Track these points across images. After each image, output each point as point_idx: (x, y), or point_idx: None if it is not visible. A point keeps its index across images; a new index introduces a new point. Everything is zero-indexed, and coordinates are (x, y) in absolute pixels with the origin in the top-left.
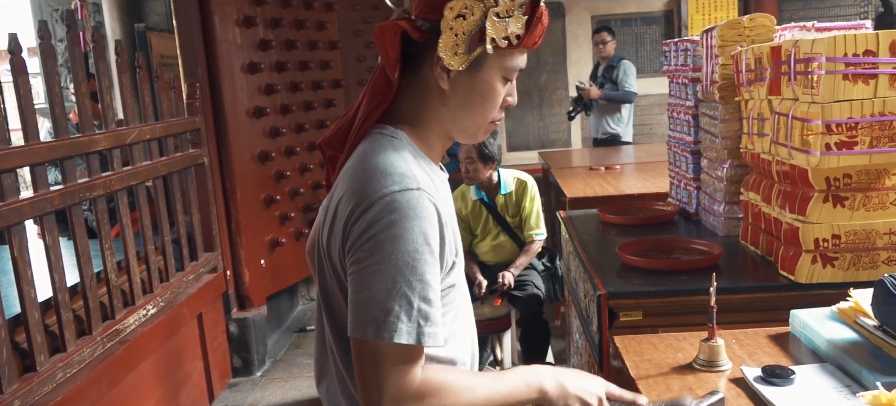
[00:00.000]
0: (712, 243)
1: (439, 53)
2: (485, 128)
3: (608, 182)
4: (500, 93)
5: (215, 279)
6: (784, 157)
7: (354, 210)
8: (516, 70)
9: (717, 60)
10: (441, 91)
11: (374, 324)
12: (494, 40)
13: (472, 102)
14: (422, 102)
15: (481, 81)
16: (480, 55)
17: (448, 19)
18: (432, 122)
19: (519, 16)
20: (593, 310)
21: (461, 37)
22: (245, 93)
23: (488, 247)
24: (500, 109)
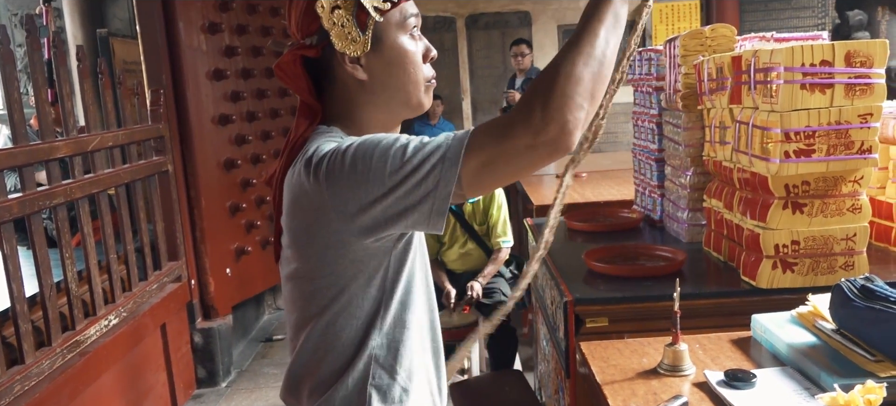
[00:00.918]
0: (676, 250)
1: (339, 50)
2: (423, 89)
3: (574, 189)
4: (414, 50)
5: (179, 288)
6: (745, 164)
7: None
8: (413, 18)
9: (680, 70)
10: (362, 83)
11: (446, 144)
12: (377, 8)
13: (395, 74)
14: (350, 104)
15: (391, 50)
16: (375, 28)
17: (326, 18)
18: (368, 116)
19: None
20: (560, 316)
21: (348, 24)
22: (210, 100)
23: (456, 255)
24: (427, 62)
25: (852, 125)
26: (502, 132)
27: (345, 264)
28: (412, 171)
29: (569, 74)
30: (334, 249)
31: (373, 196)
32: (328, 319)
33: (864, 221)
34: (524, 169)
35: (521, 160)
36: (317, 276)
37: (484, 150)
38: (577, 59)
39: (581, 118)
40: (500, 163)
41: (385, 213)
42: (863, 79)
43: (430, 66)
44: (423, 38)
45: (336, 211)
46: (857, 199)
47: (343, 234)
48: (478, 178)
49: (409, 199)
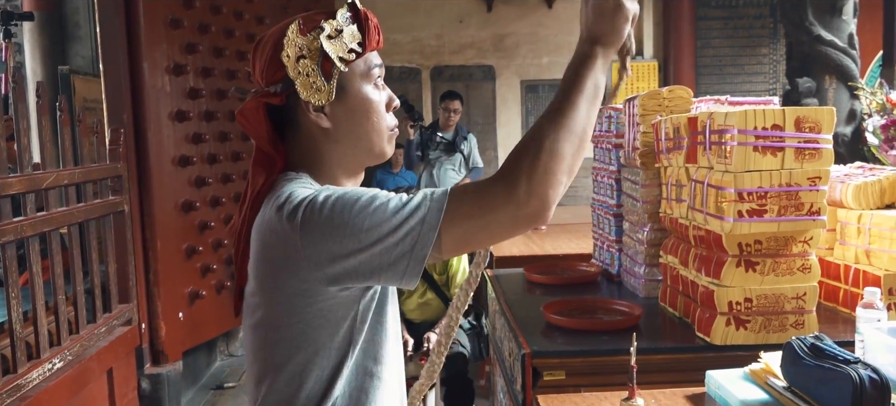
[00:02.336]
0: (633, 304)
1: (304, 99)
2: (385, 139)
3: (534, 242)
4: (378, 99)
5: (129, 332)
6: (700, 222)
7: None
8: (377, 69)
9: (639, 128)
10: (326, 131)
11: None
12: (342, 58)
13: (359, 122)
14: (314, 151)
15: (355, 99)
16: (340, 77)
17: (292, 67)
18: (332, 163)
19: (350, 28)
20: (518, 369)
21: (313, 73)
22: (172, 141)
23: (415, 304)
24: (389, 112)
25: (802, 187)
26: (485, 202)
27: (312, 312)
28: (391, 230)
29: (552, 151)
30: (302, 297)
31: (347, 249)
32: (292, 369)
33: (813, 281)
34: (504, 237)
35: (502, 230)
36: (283, 324)
37: (465, 217)
38: (561, 134)
39: (561, 193)
40: (482, 231)
41: (358, 267)
42: (812, 143)
43: (392, 116)
44: (386, 88)
45: (307, 259)
46: (807, 259)
47: (311, 283)
48: (458, 243)
49: (385, 257)
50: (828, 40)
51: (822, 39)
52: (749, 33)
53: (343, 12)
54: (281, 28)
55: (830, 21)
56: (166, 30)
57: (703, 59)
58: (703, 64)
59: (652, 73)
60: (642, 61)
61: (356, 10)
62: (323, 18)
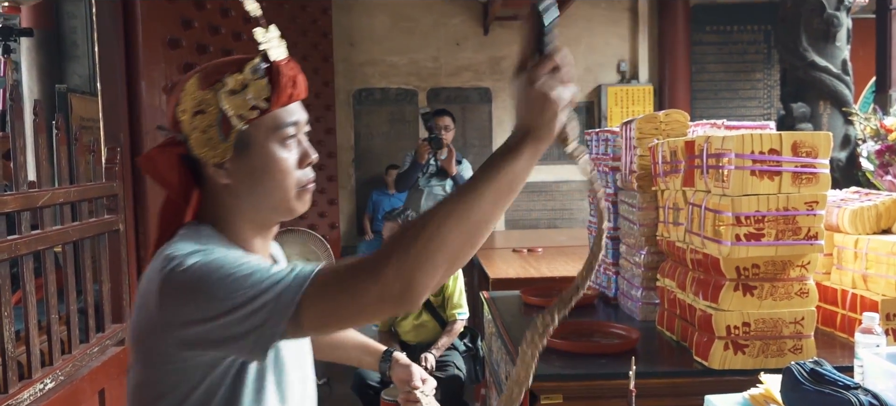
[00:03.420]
0: (630, 328)
1: (197, 155)
2: (294, 194)
3: (530, 264)
4: (284, 157)
5: (121, 352)
6: (697, 245)
7: (159, 265)
8: (289, 127)
9: (636, 151)
10: (227, 186)
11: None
12: (241, 116)
13: (260, 180)
14: (218, 205)
15: (257, 157)
16: (240, 135)
17: (187, 122)
18: (235, 217)
19: (258, 81)
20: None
21: (210, 130)
22: None
23: (410, 326)
24: (303, 168)
25: (799, 212)
26: (351, 281)
27: (167, 371)
28: (244, 302)
29: (434, 237)
30: (160, 355)
31: (200, 315)
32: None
33: (811, 305)
34: (369, 319)
35: (367, 312)
36: (143, 381)
37: (329, 295)
38: (451, 222)
39: (433, 282)
40: (345, 311)
41: (207, 335)
42: (809, 168)
43: (309, 170)
44: (304, 142)
45: (162, 319)
46: (805, 283)
47: (167, 343)
48: (320, 321)
49: (234, 329)
50: (822, 66)
51: (816, 65)
52: (744, 58)
53: (254, 65)
54: (186, 79)
55: (824, 47)
56: (164, 49)
57: (698, 84)
58: (698, 88)
59: (647, 97)
60: (638, 85)
61: (268, 62)
62: (228, 72)
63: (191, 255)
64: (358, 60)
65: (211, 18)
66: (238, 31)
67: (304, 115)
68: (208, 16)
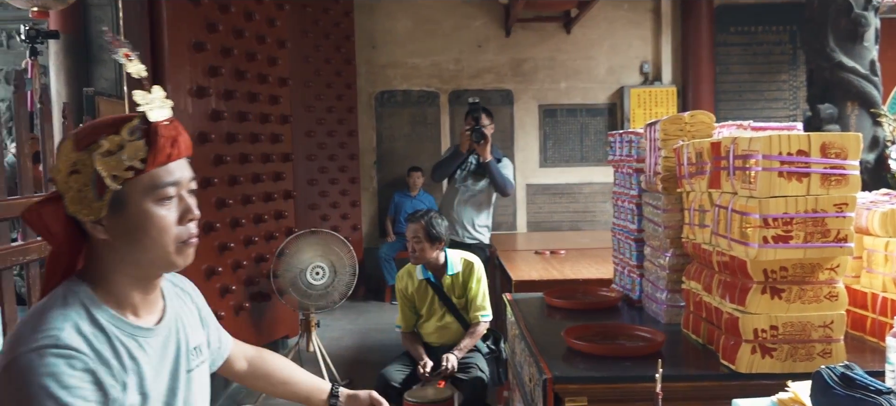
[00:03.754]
0: (655, 330)
1: (71, 213)
2: (173, 250)
3: (553, 266)
4: (162, 215)
5: None
6: (724, 248)
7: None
8: (168, 187)
9: (660, 153)
10: (105, 242)
11: None
12: (116, 176)
13: (137, 238)
14: (98, 258)
15: (133, 215)
16: (115, 195)
17: (62, 181)
18: (114, 272)
19: (134, 143)
20: (539, 394)
21: (85, 189)
22: (194, 162)
23: (433, 328)
24: (185, 224)
25: (828, 214)
26: None
27: None
28: None
29: None
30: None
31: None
32: None
33: (840, 309)
34: None
35: None
36: None
37: None
38: None
39: None
40: None
41: None
42: (838, 170)
43: (192, 225)
44: (186, 198)
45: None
46: (834, 286)
47: None
48: None
49: None
50: (849, 67)
51: (843, 66)
52: (768, 59)
53: (131, 125)
54: (63, 139)
55: (852, 48)
56: (190, 53)
57: (723, 85)
58: (722, 90)
59: (670, 98)
60: (661, 86)
61: (146, 123)
62: (105, 133)
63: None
64: (380, 63)
65: (235, 22)
66: (262, 34)
67: (188, 174)
68: (232, 19)
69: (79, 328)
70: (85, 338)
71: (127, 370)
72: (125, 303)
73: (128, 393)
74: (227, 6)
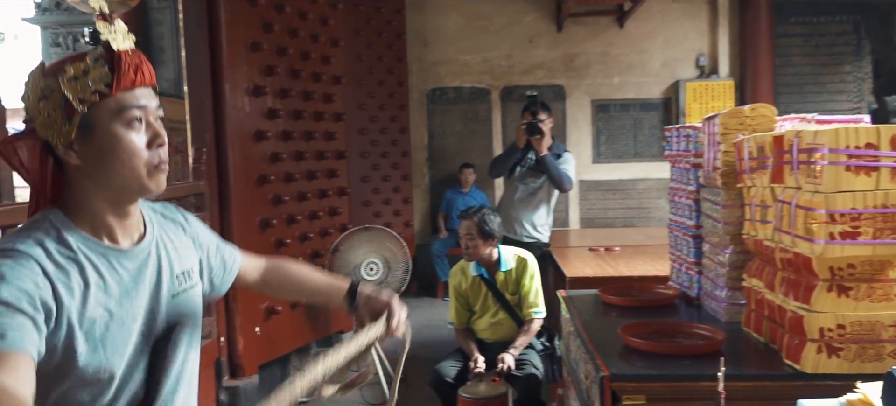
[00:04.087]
0: (715, 328)
1: (42, 138)
2: (143, 176)
3: (608, 263)
4: (130, 138)
5: (209, 345)
6: (787, 244)
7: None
8: (133, 109)
9: (719, 147)
10: (78, 167)
11: None
12: (83, 100)
13: (108, 162)
14: (72, 187)
15: (102, 138)
16: (86, 117)
17: (32, 107)
18: (88, 197)
19: (98, 68)
20: (595, 392)
21: (54, 113)
22: (251, 160)
23: (486, 324)
24: (154, 149)
25: None
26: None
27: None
28: None
29: None
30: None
31: None
32: None
33: None
34: None
35: None
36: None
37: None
38: None
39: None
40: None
41: None
42: None
43: (162, 151)
44: (154, 124)
45: None
46: None
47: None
48: None
49: None
50: None
51: None
52: (831, 50)
53: (95, 53)
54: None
55: None
56: (247, 53)
57: (783, 78)
58: (783, 82)
59: (728, 91)
60: (717, 80)
61: (110, 51)
62: (70, 61)
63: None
64: (431, 60)
65: (290, 21)
66: (316, 33)
67: (155, 102)
68: (287, 19)
69: (41, 242)
70: (45, 250)
71: (89, 284)
72: (100, 228)
73: (88, 305)
74: (283, 6)
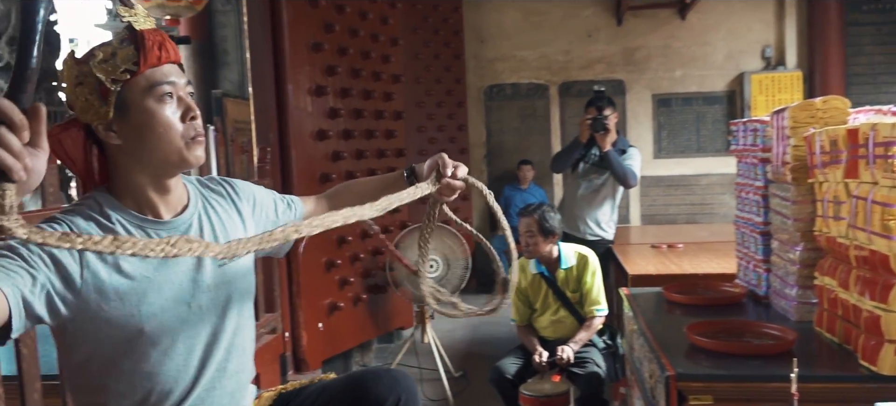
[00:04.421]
0: (786, 328)
1: (83, 121)
2: (180, 147)
3: (671, 260)
4: (163, 112)
5: (274, 340)
6: (863, 241)
7: None
8: (162, 85)
9: (789, 141)
10: (119, 147)
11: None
12: (115, 80)
13: (145, 136)
14: (115, 167)
15: (138, 114)
16: (120, 97)
17: (70, 93)
18: (130, 174)
19: (125, 48)
20: (660, 391)
21: (91, 97)
22: (313, 158)
23: (548, 322)
24: (188, 122)
25: None
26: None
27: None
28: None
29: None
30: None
31: None
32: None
33: None
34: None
35: None
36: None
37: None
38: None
39: None
40: None
41: None
42: None
43: (196, 123)
44: (186, 99)
45: None
46: None
47: None
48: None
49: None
50: None
51: None
52: None
53: (120, 35)
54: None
55: None
56: (308, 53)
57: (854, 69)
58: (855, 73)
59: (796, 83)
60: (784, 71)
61: (133, 31)
62: (99, 47)
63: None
64: (488, 56)
65: (350, 22)
66: (375, 33)
67: (183, 79)
68: (348, 19)
69: (82, 213)
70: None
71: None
72: (143, 204)
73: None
74: (343, 7)
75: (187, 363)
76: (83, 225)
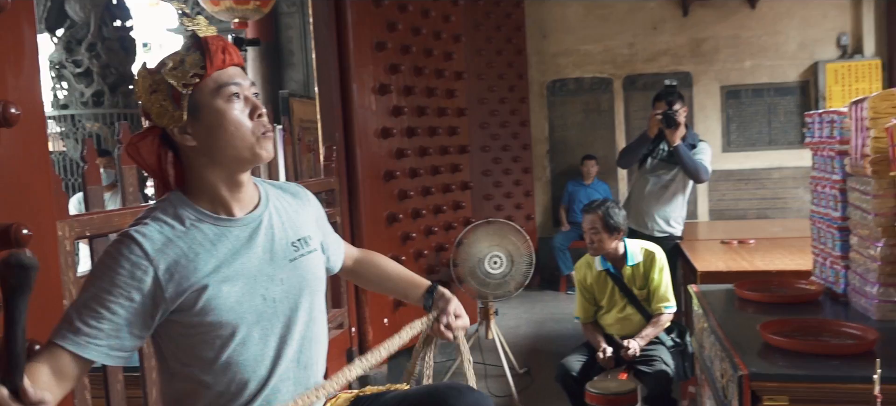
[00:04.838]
0: (866, 327)
1: (160, 126)
2: (251, 143)
3: (742, 257)
4: (232, 111)
5: (341, 335)
6: None
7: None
8: (229, 86)
9: (869, 133)
10: (194, 148)
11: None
12: (186, 84)
13: (217, 134)
14: (190, 169)
15: (209, 115)
16: (191, 100)
17: (146, 101)
18: (205, 174)
19: (192, 54)
20: (733, 391)
21: (166, 102)
22: (377, 156)
23: (614, 319)
24: (256, 119)
25: None
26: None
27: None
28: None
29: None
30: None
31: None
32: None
33: None
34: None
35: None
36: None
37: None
38: None
39: None
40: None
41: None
42: None
43: (264, 120)
44: (252, 98)
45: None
46: None
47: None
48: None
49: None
50: None
51: None
52: None
53: (186, 43)
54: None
55: None
56: (372, 52)
57: None
58: None
59: (874, 72)
60: (862, 60)
61: (197, 39)
62: (168, 57)
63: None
64: (551, 51)
65: (413, 20)
66: (438, 30)
67: (247, 81)
68: (410, 18)
69: (157, 218)
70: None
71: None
72: (217, 202)
73: (198, 269)
74: (405, 5)
75: (263, 353)
76: (153, 234)
